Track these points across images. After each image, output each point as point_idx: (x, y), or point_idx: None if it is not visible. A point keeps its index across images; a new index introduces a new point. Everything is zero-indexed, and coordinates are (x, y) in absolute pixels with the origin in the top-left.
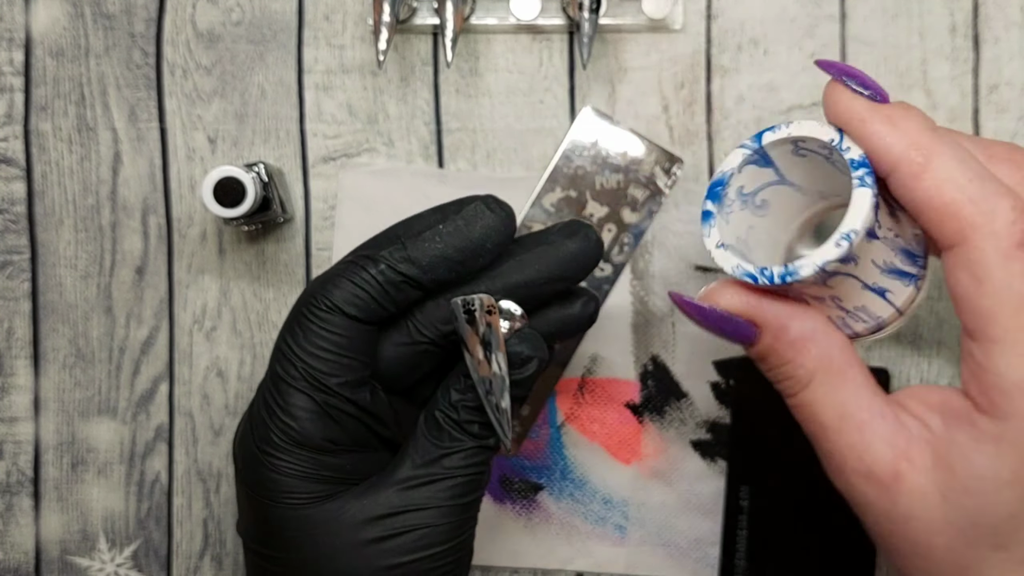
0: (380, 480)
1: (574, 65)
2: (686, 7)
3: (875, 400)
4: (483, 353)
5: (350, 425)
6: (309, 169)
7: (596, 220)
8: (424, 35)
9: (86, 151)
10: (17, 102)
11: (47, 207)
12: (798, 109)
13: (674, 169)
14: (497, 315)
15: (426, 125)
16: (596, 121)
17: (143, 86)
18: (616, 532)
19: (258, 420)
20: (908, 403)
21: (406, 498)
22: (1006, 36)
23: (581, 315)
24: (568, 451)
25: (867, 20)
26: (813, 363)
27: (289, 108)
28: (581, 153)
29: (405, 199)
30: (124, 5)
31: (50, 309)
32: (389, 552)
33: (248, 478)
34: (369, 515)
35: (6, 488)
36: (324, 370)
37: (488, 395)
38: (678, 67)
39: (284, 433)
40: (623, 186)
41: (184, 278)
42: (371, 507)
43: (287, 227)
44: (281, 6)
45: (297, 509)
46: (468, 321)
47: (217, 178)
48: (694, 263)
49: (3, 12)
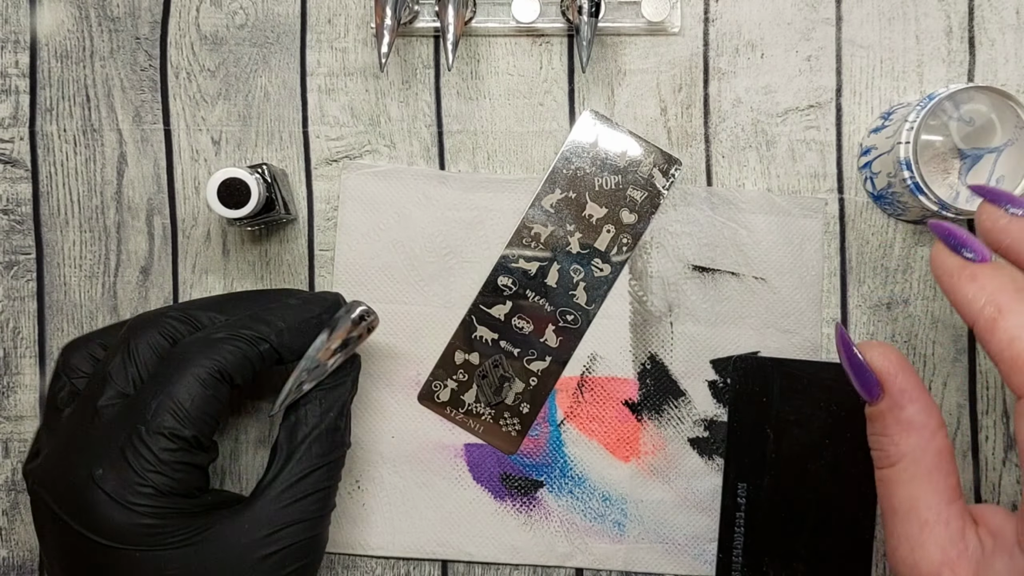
0: (255, 501)
1: (573, 68)
2: (684, 11)
3: (948, 508)
4: (337, 346)
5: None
6: (312, 170)
7: (595, 220)
8: (425, 38)
9: (91, 152)
10: (23, 104)
11: (53, 208)
12: (794, 112)
13: (672, 170)
14: (369, 335)
15: (427, 127)
16: (595, 124)
17: (148, 88)
18: (615, 529)
19: (117, 464)
20: (982, 518)
21: (285, 515)
22: (1001, 39)
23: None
24: (567, 449)
25: (863, 23)
26: (906, 449)
27: (292, 110)
28: (580, 155)
29: (406, 200)
30: (129, 8)
31: (56, 309)
32: (279, 563)
33: (95, 522)
34: (258, 535)
35: (12, 486)
36: (204, 430)
37: (304, 371)
38: (676, 70)
39: (153, 484)
40: (622, 187)
41: (189, 278)
42: (257, 528)
43: (290, 228)
44: (284, 9)
45: (177, 548)
46: (355, 320)
47: (221, 179)
48: (692, 263)
49: (8, 15)
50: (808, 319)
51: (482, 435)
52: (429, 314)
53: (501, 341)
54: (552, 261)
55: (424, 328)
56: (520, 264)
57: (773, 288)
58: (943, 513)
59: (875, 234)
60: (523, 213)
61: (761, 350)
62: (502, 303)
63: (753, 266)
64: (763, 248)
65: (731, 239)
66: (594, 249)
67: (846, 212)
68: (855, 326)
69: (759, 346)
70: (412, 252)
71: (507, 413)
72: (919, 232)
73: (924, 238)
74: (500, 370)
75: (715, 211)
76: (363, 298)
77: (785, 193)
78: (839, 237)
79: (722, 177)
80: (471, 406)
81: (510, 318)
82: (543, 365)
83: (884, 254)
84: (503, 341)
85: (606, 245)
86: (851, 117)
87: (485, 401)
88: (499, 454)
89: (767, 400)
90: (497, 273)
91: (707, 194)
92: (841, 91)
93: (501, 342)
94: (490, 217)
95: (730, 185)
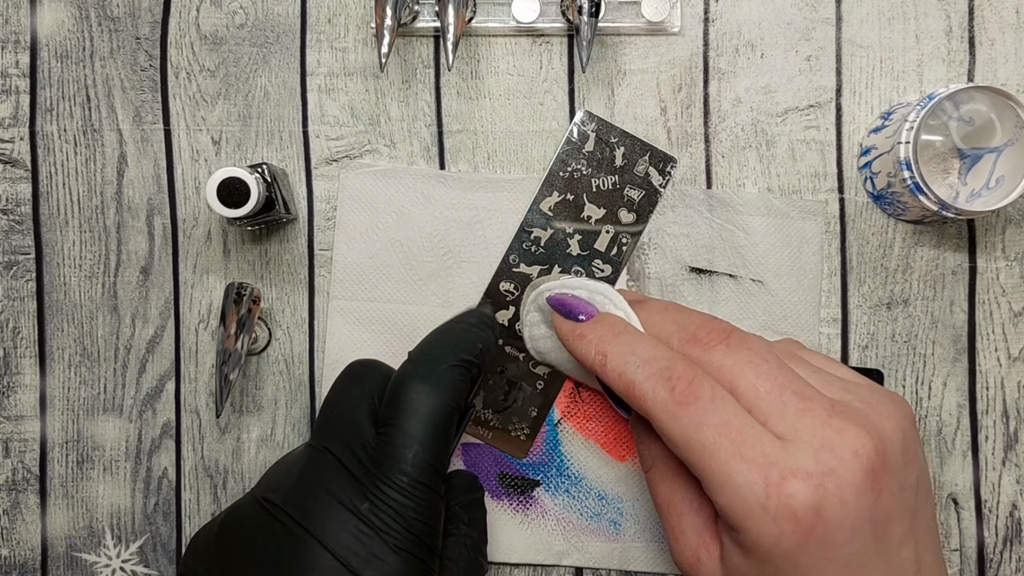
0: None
1: (573, 68)
2: (684, 11)
3: (699, 497)
4: (235, 330)
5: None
6: (312, 170)
7: (594, 222)
8: (425, 38)
9: (91, 152)
10: (23, 104)
11: (52, 208)
12: (794, 112)
13: (668, 168)
14: (259, 306)
15: (427, 127)
16: (590, 125)
17: (148, 88)
18: (611, 527)
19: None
20: None
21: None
22: (1001, 38)
23: None
24: (564, 448)
25: (863, 23)
26: (657, 453)
27: (292, 110)
28: (576, 157)
29: (406, 200)
30: (129, 8)
31: (56, 309)
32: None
33: None
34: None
35: (12, 486)
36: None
37: (223, 365)
38: (676, 70)
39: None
40: (619, 187)
41: (189, 278)
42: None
43: (290, 227)
44: (284, 9)
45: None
46: (235, 301)
47: (221, 179)
48: (689, 265)
49: (9, 15)
50: (806, 321)
51: (491, 441)
52: (427, 313)
53: (506, 347)
54: (553, 265)
55: (422, 328)
56: (521, 269)
57: (771, 291)
58: (695, 503)
59: (875, 234)
60: (523, 213)
61: None
62: (505, 308)
63: (751, 268)
64: (761, 250)
65: (729, 241)
66: (594, 250)
67: (846, 212)
68: (855, 326)
69: None
70: (411, 251)
71: (515, 418)
72: (919, 232)
73: (924, 238)
74: (506, 376)
75: (713, 213)
76: (361, 297)
77: (785, 193)
78: (839, 237)
79: (722, 177)
80: (479, 412)
81: (514, 323)
82: (548, 368)
83: (884, 254)
84: (508, 347)
85: (606, 246)
86: (851, 117)
87: (492, 408)
88: (496, 453)
89: None
90: (499, 279)
91: (705, 196)
92: (841, 91)
93: (506, 347)
94: (489, 217)
95: (730, 185)
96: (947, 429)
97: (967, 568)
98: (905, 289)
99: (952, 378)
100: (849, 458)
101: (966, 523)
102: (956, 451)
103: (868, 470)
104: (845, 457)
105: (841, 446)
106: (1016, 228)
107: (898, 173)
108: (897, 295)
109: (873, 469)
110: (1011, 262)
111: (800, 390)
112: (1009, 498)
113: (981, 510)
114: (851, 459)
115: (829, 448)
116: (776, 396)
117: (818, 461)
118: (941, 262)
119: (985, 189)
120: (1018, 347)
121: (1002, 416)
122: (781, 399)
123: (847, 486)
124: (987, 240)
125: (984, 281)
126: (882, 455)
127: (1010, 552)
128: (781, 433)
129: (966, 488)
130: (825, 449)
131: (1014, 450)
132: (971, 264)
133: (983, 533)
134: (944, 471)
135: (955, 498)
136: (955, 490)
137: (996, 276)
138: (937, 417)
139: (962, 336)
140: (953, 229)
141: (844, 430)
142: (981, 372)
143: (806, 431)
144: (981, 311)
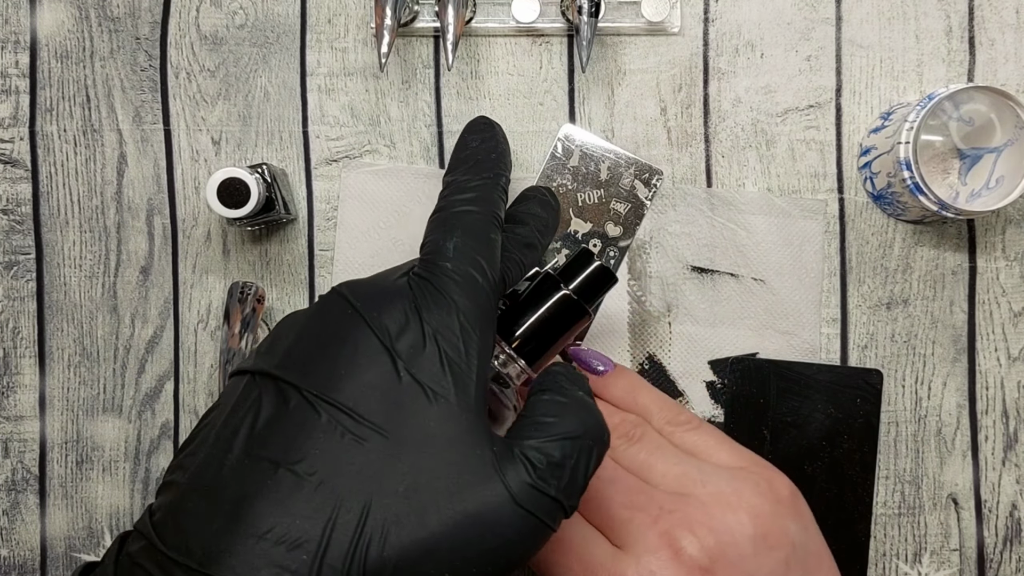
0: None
1: (573, 68)
2: (684, 11)
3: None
4: (239, 329)
5: None
6: (312, 170)
7: (580, 236)
8: (425, 38)
9: (91, 153)
10: (23, 104)
11: (53, 208)
12: (794, 112)
13: (654, 181)
14: (263, 305)
15: (427, 127)
16: (573, 139)
17: (148, 88)
18: None
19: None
20: None
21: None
22: (1001, 39)
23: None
24: None
25: (863, 23)
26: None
27: (292, 110)
28: (561, 171)
29: (406, 199)
30: (129, 8)
31: (56, 309)
32: None
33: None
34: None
35: (12, 486)
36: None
37: (226, 364)
38: (676, 70)
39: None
40: (605, 201)
41: (189, 278)
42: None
43: (290, 227)
44: (284, 9)
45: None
46: (239, 300)
47: (221, 179)
48: (690, 264)
49: (9, 15)
50: (807, 321)
51: None
52: None
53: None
54: None
55: None
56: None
57: (772, 289)
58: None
59: (875, 234)
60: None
61: (759, 351)
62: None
63: (752, 267)
64: (762, 249)
65: (730, 240)
66: None
67: (846, 212)
68: (855, 326)
69: (757, 347)
70: (412, 251)
71: None
72: (919, 232)
73: (924, 238)
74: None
75: (714, 212)
76: None
77: (785, 193)
78: (839, 237)
79: (722, 177)
80: None
81: None
82: None
83: (884, 254)
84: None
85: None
86: (851, 117)
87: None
88: None
89: (764, 401)
90: None
91: (706, 195)
92: (841, 91)
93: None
94: None
95: (730, 185)
96: (947, 429)
97: (967, 568)
98: (905, 289)
99: (952, 378)
100: (669, 560)
101: (966, 523)
102: (956, 451)
103: (692, 568)
104: (665, 560)
105: (661, 549)
106: (1016, 228)
107: (898, 173)
108: (897, 295)
109: (700, 567)
110: (1011, 262)
111: (629, 498)
112: (1009, 498)
113: (981, 510)
114: (671, 561)
115: (650, 552)
116: (617, 504)
117: (639, 568)
118: (941, 262)
119: (985, 189)
120: (1018, 347)
121: (1002, 416)
122: (619, 507)
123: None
124: (987, 240)
125: (984, 281)
126: (710, 550)
127: (1010, 552)
128: (615, 540)
129: (966, 488)
130: (647, 554)
131: (1014, 450)
132: (971, 264)
133: (983, 533)
134: (944, 471)
135: (955, 498)
136: (955, 490)
137: (996, 276)
138: (937, 417)
139: (962, 336)
140: (953, 229)
141: (668, 533)
142: (981, 372)
143: (631, 538)
144: (981, 311)
